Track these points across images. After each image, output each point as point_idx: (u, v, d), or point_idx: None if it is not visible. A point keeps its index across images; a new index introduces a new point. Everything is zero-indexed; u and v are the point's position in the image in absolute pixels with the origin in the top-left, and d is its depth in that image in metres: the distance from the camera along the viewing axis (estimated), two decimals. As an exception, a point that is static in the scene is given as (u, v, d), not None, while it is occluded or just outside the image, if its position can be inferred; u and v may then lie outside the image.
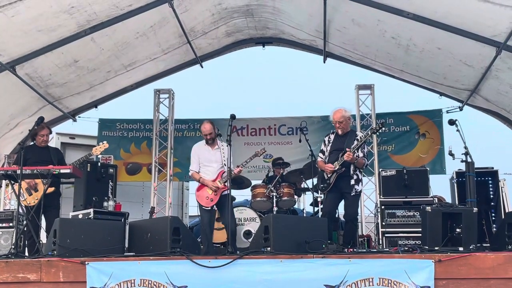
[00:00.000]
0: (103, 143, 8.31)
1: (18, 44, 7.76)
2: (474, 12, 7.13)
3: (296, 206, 9.55)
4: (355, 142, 7.42)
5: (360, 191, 7.72)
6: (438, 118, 10.92)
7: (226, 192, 7.44)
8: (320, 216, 7.98)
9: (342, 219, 9.99)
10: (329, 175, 7.49)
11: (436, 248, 6.03)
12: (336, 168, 7.40)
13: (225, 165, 7.56)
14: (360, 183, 7.58)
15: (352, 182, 7.44)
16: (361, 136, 7.56)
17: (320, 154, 7.83)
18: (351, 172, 7.44)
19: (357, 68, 10.56)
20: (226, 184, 7.46)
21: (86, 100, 10.42)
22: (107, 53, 8.89)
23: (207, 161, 7.78)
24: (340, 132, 7.67)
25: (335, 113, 7.66)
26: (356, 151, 7.38)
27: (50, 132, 8.39)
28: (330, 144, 7.73)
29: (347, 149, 7.32)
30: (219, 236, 8.43)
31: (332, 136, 7.80)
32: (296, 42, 10.61)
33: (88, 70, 9.16)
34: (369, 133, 7.71)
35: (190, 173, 8.05)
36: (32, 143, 8.22)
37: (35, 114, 9.35)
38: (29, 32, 7.48)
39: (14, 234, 6.92)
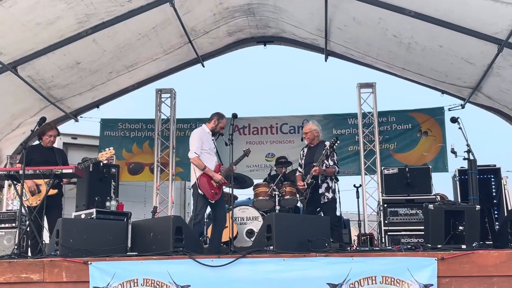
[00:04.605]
0: (109, 149, 8.19)
1: (18, 41, 7.75)
2: (476, 10, 7.12)
3: (298, 204, 9.55)
4: (322, 153, 7.84)
5: (332, 197, 7.89)
6: (440, 116, 10.89)
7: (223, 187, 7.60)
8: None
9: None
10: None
11: (439, 246, 6.02)
12: (308, 182, 7.82)
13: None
14: (331, 190, 7.87)
15: (322, 190, 7.82)
16: (326, 147, 7.89)
17: (299, 168, 8.33)
18: (320, 182, 7.82)
19: (358, 67, 10.59)
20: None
21: (88, 100, 10.44)
22: (109, 55, 8.91)
23: (211, 150, 7.62)
24: (307, 142, 8.19)
25: (304, 126, 8.41)
26: (326, 161, 7.81)
27: (58, 134, 8.27)
28: (304, 158, 8.22)
29: (313, 164, 7.77)
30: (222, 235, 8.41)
31: (305, 150, 8.28)
32: (298, 41, 10.62)
33: (90, 71, 9.18)
34: (329, 149, 7.87)
35: (192, 156, 7.42)
36: (37, 142, 8.21)
37: (37, 114, 9.37)
38: (27, 24, 7.45)
39: (17, 235, 6.93)
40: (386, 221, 8.03)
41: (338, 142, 7.94)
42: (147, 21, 8.40)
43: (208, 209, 7.79)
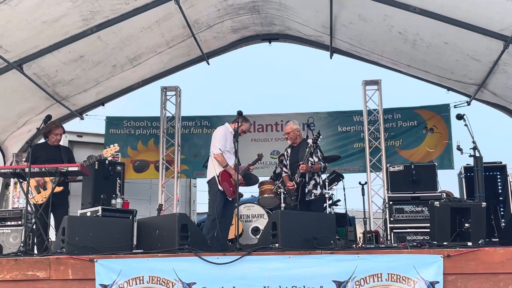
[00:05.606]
0: (114, 146, 8.24)
1: (24, 39, 7.75)
2: (481, 6, 7.10)
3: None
4: (306, 151, 7.82)
5: (320, 193, 7.92)
6: (446, 112, 10.87)
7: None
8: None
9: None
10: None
11: (445, 243, 5.99)
12: (297, 181, 7.81)
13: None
14: (319, 187, 7.92)
15: (310, 187, 7.85)
16: (309, 144, 7.88)
17: (284, 169, 8.29)
18: (307, 179, 7.84)
19: (364, 64, 10.57)
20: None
21: (93, 98, 10.45)
22: (112, 45, 8.87)
23: (231, 149, 7.66)
24: (290, 142, 8.21)
25: (285, 127, 8.39)
26: (310, 158, 7.81)
27: (64, 132, 8.36)
28: (288, 158, 8.20)
29: (300, 162, 7.77)
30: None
31: (289, 150, 8.28)
32: (303, 38, 10.60)
33: (94, 63, 9.12)
34: (313, 145, 7.88)
35: (217, 152, 7.63)
36: (42, 141, 8.23)
37: (42, 112, 9.38)
38: (33, 22, 7.44)
39: (23, 232, 6.95)
40: (391, 219, 8.02)
41: (321, 137, 7.92)
42: (150, 17, 8.40)
43: None
